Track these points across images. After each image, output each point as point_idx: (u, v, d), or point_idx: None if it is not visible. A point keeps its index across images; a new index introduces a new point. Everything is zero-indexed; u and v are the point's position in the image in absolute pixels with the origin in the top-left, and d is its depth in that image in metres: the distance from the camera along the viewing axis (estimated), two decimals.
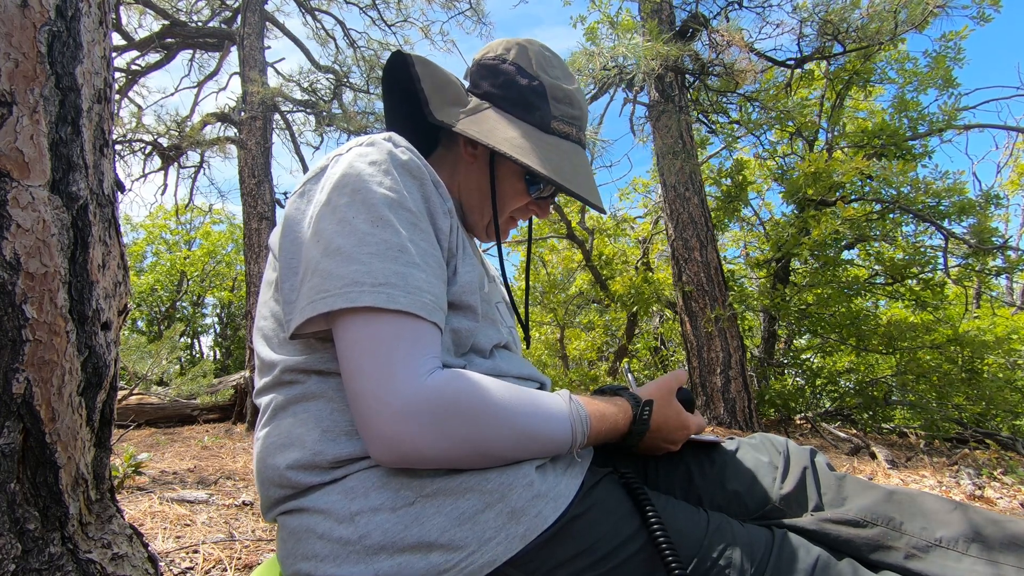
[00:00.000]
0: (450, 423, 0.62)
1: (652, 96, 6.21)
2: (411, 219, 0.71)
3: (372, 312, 0.64)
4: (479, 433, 0.64)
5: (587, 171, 0.92)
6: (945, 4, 4.83)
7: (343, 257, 0.65)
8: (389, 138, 0.77)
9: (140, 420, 5.31)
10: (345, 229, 0.67)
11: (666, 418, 0.83)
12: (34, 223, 0.73)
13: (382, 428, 0.62)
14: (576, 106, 0.93)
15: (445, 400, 0.63)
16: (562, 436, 0.70)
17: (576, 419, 0.71)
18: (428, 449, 0.62)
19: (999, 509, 2.54)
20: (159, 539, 1.59)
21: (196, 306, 15.45)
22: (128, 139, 7.36)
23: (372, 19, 8.67)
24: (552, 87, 0.90)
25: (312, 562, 0.66)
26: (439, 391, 0.63)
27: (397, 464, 0.64)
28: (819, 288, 6.40)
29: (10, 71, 0.70)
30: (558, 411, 0.70)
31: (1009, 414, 5.44)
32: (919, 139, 6.47)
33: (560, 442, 0.70)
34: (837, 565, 0.68)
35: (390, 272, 0.65)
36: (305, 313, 0.66)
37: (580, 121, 0.93)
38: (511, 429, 0.65)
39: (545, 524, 0.65)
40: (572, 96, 0.92)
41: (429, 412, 0.62)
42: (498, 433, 0.65)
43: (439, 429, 0.62)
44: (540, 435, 0.68)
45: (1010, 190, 12.25)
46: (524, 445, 0.67)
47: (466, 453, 0.64)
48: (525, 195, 0.93)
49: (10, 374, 0.71)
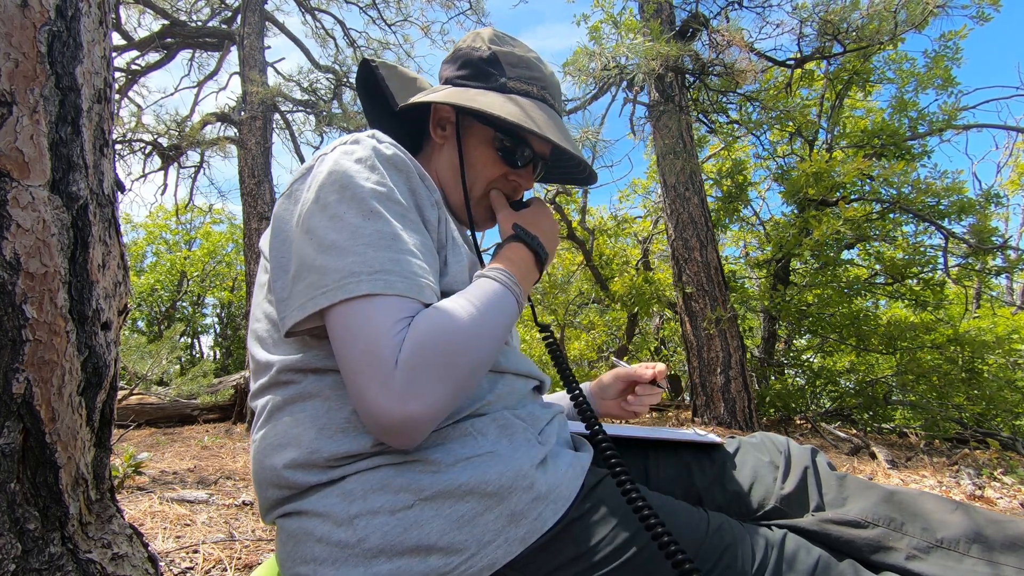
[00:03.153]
0: (431, 369, 0.62)
1: (652, 96, 6.21)
2: (400, 211, 0.71)
3: (370, 298, 0.64)
4: (458, 361, 0.64)
5: (555, 121, 0.90)
6: (945, 4, 4.82)
7: (338, 251, 0.66)
8: (372, 135, 0.78)
9: (140, 420, 5.31)
10: (337, 224, 0.67)
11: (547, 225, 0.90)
12: (34, 223, 0.73)
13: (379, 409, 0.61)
14: (533, 68, 0.93)
15: (414, 352, 0.62)
16: (510, 302, 0.74)
17: (504, 281, 0.75)
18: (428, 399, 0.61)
19: (999, 509, 2.54)
20: (159, 539, 1.59)
21: (196, 306, 15.44)
22: (128, 139, 7.35)
23: (372, 18, 8.67)
24: (504, 54, 0.92)
25: (311, 565, 0.65)
26: (408, 347, 0.62)
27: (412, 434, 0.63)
28: (819, 288, 6.40)
29: (10, 71, 0.70)
30: (494, 289, 0.74)
31: (1009, 414, 5.44)
32: (919, 139, 6.46)
33: (512, 307, 0.74)
34: (838, 566, 0.68)
35: (385, 259, 0.65)
36: (306, 309, 0.66)
37: (540, 82, 0.93)
38: (483, 330, 0.68)
39: (545, 527, 0.64)
40: (527, 60, 0.93)
41: (407, 370, 0.61)
42: (478, 344, 0.66)
43: (425, 378, 0.61)
44: (500, 319, 0.71)
45: (1010, 190, 12.25)
46: (494, 335, 0.70)
47: (461, 380, 0.65)
48: (499, 163, 0.91)
49: (10, 374, 0.70)
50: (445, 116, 0.93)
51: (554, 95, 0.94)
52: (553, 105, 0.93)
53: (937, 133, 6.37)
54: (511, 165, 0.91)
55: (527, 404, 0.82)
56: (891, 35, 5.05)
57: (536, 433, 0.76)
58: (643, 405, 1.07)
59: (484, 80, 0.91)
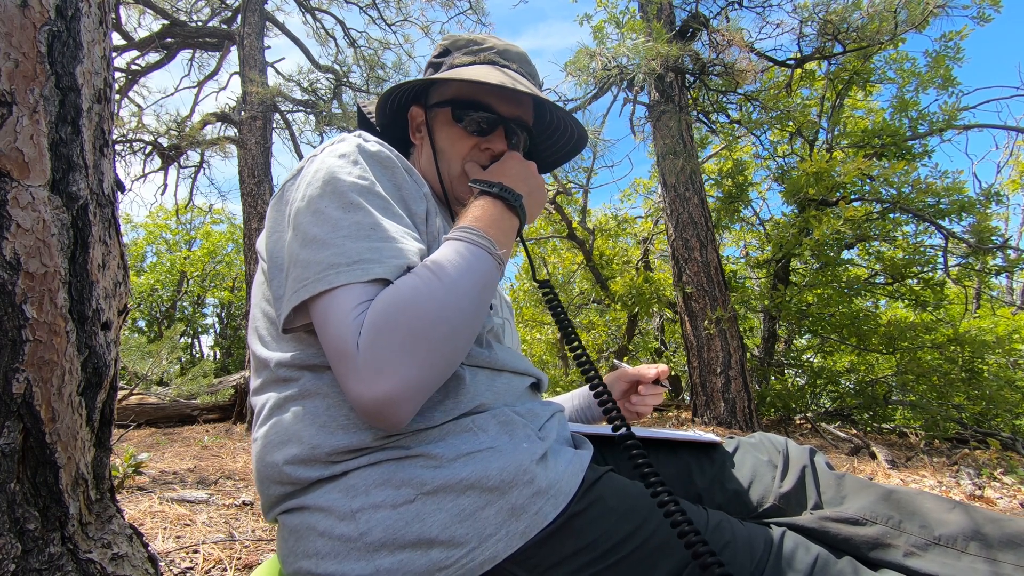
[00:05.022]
0: (393, 344, 0.61)
1: (652, 96, 6.21)
2: (382, 203, 0.72)
3: (346, 287, 0.65)
4: (425, 329, 0.62)
5: (502, 73, 0.89)
6: (945, 4, 4.82)
7: (319, 245, 0.67)
8: (359, 135, 0.80)
9: (140, 420, 5.30)
10: (319, 219, 0.69)
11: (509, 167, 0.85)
12: (34, 223, 0.73)
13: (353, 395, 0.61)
14: (482, 44, 0.95)
15: (371, 330, 0.61)
16: (478, 255, 0.70)
17: (465, 236, 0.71)
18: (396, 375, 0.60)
19: (999, 509, 2.54)
20: (159, 539, 1.59)
21: (196, 306, 15.44)
22: (128, 139, 7.35)
23: (372, 18, 8.67)
24: (453, 43, 0.96)
25: (313, 560, 0.66)
26: (366, 327, 0.61)
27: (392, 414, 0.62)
28: (819, 288, 6.39)
29: (10, 71, 0.70)
30: (455, 247, 0.70)
31: (1009, 414, 5.43)
32: (919, 139, 6.46)
33: (483, 260, 0.70)
34: (837, 563, 0.68)
35: (363, 249, 0.66)
36: (291, 303, 0.67)
37: (489, 51, 0.94)
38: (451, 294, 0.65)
39: (546, 521, 0.65)
40: (476, 40, 0.96)
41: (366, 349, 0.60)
42: (448, 309, 0.64)
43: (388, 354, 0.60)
44: (470, 277, 0.68)
45: (1010, 190, 12.25)
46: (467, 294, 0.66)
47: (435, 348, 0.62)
48: (464, 135, 0.91)
49: (10, 374, 0.71)
50: (418, 120, 0.96)
51: (508, 58, 0.94)
52: (507, 67, 0.93)
53: (937, 133, 6.36)
54: (474, 133, 0.91)
55: (526, 401, 0.83)
56: (891, 35, 5.05)
57: (536, 429, 0.76)
58: (647, 405, 1.08)
59: (436, 70, 0.96)
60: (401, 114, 1.00)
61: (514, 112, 0.92)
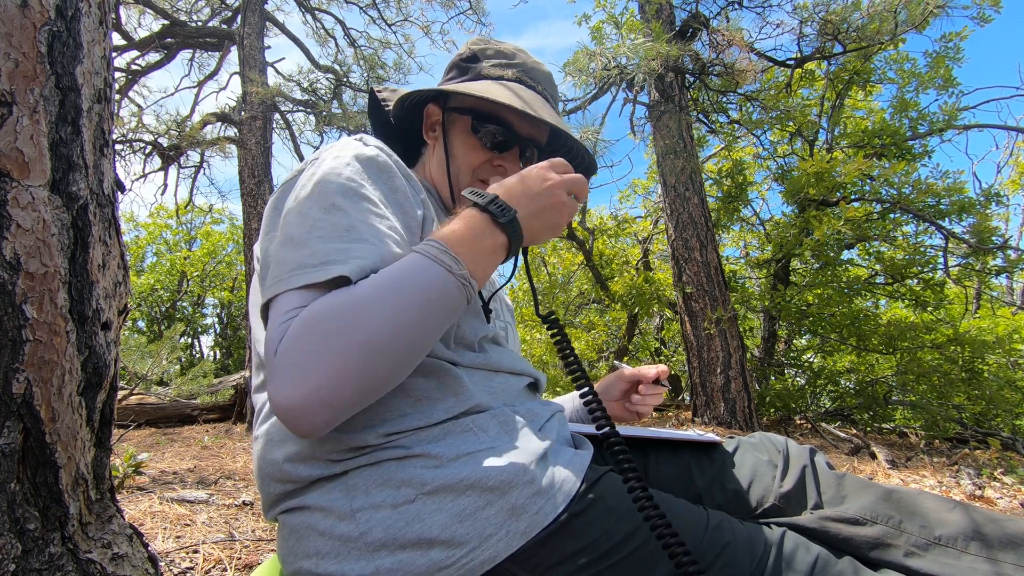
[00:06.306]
0: (305, 351, 0.58)
1: (652, 96, 6.21)
2: (366, 205, 0.71)
3: (307, 290, 0.64)
4: (340, 338, 0.58)
5: (530, 97, 0.88)
6: (945, 4, 4.82)
7: (294, 244, 0.67)
8: (359, 138, 0.80)
9: (140, 420, 5.31)
10: (300, 219, 0.69)
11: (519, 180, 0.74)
12: (34, 223, 0.73)
13: (277, 401, 0.58)
14: (511, 58, 0.95)
15: (290, 336, 0.59)
16: (432, 271, 0.63)
17: (427, 251, 0.64)
18: (305, 382, 0.57)
19: (999, 509, 2.54)
20: (159, 539, 1.59)
21: (196, 306, 15.45)
22: (128, 139, 7.36)
23: (372, 18, 8.67)
24: (482, 50, 0.96)
25: (313, 559, 0.66)
26: (288, 333, 0.60)
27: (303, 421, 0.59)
28: (819, 288, 6.39)
29: (10, 71, 0.70)
30: (411, 260, 0.64)
31: (1009, 414, 5.44)
32: (919, 139, 6.46)
33: (435, 277, 0.63)
34: (837, 563, 0.68)
35: (332, 250, 0.66)
36: (264, 300, 0.67)
37: (518, 67, 0.94)
38: (383, 307, 0.60)
39: (546, 521, 0.65)
40: (505, 52, 0.95)
41: (282, 355, 0.58)
42: (373, 321, 0.59)
43: (299, 361, 0.58)
44: (412, 291, 0.61)
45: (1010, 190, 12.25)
46: (400, 307, 0.61)
47: (348, 358, 0.58)
48: (480, 148, 0.90)
49: (10, 374, 0.71)
50: (434, 119, 0.96)
51: (536, 78, 0.95)
52: (534, 88, 0.93)
53: (938, 133, 6.37)
54: (490, 148, 0.90)
55: (525, 401, 0.83)
56: (891, 35, 5.06)
57: (537, 429, 0.76)
58: (647, 405, 1.08)
59: (462, 74, 0.96)
60: (417, 109, 0.99)
61: (531, 133, 0.93)
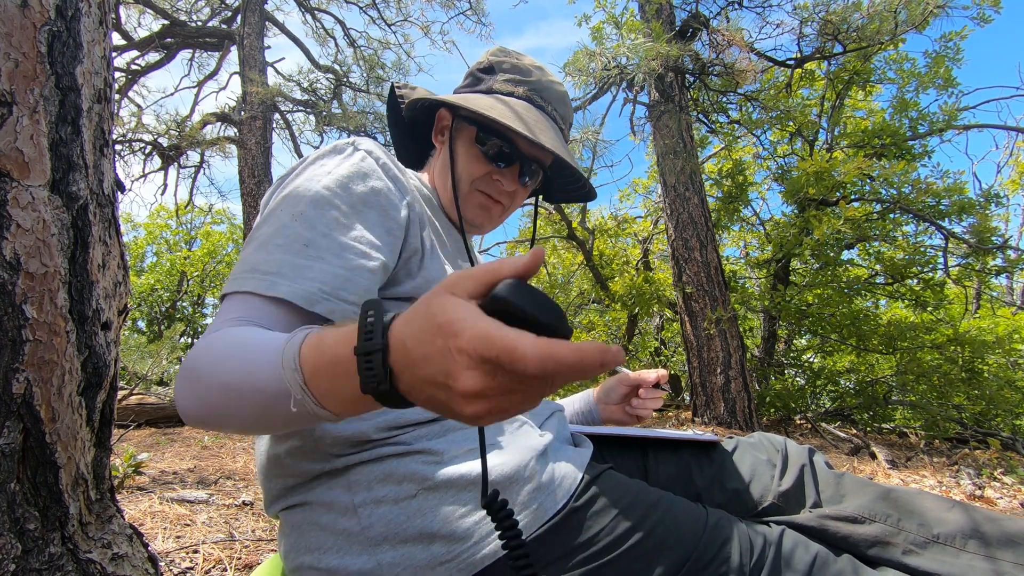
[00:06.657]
0: (188, 385, 0.58)
1: (652, 96, 6.21)
2: (334, 215, 0.69)
3: (251, 296, 0.63)
4: (202, 391, 0.57)
5: (535, 118, 0.88)
6: (945, 4, 4.82)
7: (256, 245, 0.67)
8: (352, 141, 0.79)
9: (140, 420, 5.30)
10: (270, 219, 0.69)
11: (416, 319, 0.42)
12: (34, 223, 0.73)
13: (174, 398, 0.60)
14: (526, 74, 0.94)
15: (186, 363, 0.60)
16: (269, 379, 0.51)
17: (285, 356, 0.50)
18: (184, 401, 0.58)
19: (999, 509, 2.54)
20: (159, 539, 1.59)
21: (196, 306, 15.45)
22: (128, 139, 7.36)
23: (372, 18, 8.68)
24: (500, 63, 0.95)
25: (315, 554, 0.67)
26: (194, 349, 0.60)
27: (207, 428, 0.60)
28: (819, 288, 6.40)
29: (10, 71, 0.70)
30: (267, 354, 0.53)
31: (1009, 414, 5.43)
32: (919, 139, 6.47)
33: (272, 387, 0.51)
34: (836, 561, 0.69)
35: (284, 263, 0.65)
36: (221, 293, 0.67)
37: (531, 85, 0.93)
38: (216, 381, 0.55)
39: (546, 516, 0.65)
40: (522, 67, 0.95)
41: (180, 379, 0.59)
42: (208, 388, 0.56)
43: (183, 392, 0.58)
44: (244, 385, 0.53)
45: (1010, 190, 12.25)
46: (233, 398, 0.54)
47: (210, 412, 0.57)
48: (482, 159, 0.90)
49: (10, 374, 0.71)
50: (444, 124, 0.95)
51: (547, 98, 0.94)
52: (543, 107, 0.93)
53: (937, 133, 6.37)
54: (490, 161, 0.90)
55: None
56: (891, 35, 5.06)
57: (537, 426, 0.77)
58: (647, 408, 1.08)
59: (476, 85, 0.96)
60: (431, 111, 0.99)
61: (533, 153, 0.93)
